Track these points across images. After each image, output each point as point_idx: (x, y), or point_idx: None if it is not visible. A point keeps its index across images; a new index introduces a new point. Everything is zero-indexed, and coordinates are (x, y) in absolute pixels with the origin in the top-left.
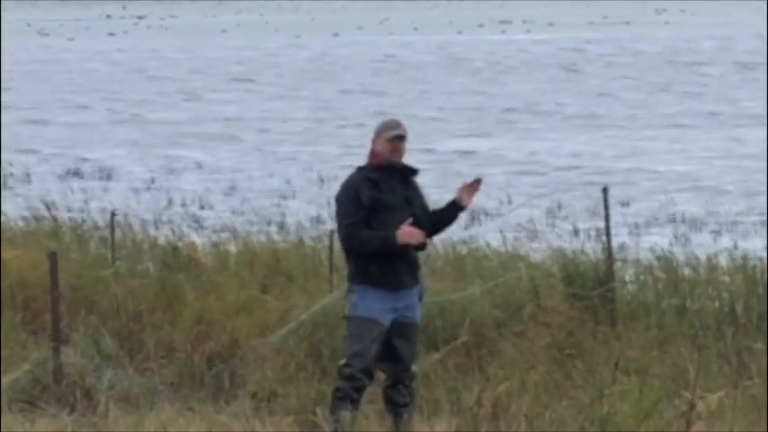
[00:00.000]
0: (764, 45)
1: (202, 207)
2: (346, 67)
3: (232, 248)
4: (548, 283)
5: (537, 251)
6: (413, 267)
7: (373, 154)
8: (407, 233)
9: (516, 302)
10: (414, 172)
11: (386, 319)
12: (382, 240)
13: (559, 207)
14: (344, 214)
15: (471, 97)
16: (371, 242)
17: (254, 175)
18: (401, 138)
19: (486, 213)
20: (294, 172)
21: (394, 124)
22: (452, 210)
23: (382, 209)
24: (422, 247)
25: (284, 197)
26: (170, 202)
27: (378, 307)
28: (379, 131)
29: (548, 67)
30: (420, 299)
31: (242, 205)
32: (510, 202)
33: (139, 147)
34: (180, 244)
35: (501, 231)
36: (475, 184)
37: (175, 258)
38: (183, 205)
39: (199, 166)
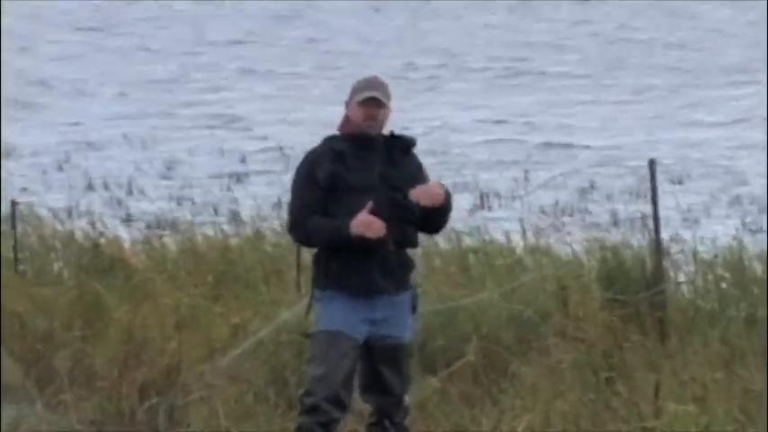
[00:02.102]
0: None
1: (131, 192)
2: None
3: (171, 245)
4: (579, 285)
5: (565, 244)
6: (391, 267)
7: (345, 120)
8: (362, 223)
9: (539, 310)
10: (405, 145)
11: (357, 332)
12: (332, 231)
13: (592, 187)
14: (294, 195)
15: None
16: (319, 232)
17: (196, 153)
18: (376, 101)
19: (499, 195)
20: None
21: (370, 84)
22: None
23: (346, 189)
24: (407, 242)
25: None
26: (89, 185)
27: (343, 318)
28: (353, 92)
29: None
30: (413, 310)
31: (182, 190)
32: (527, 179)
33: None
34: (102, 240)
35: (520, 219)
36: (431, 191)
37: (97, 259)
38: (107, 189)
39: (126, 139)
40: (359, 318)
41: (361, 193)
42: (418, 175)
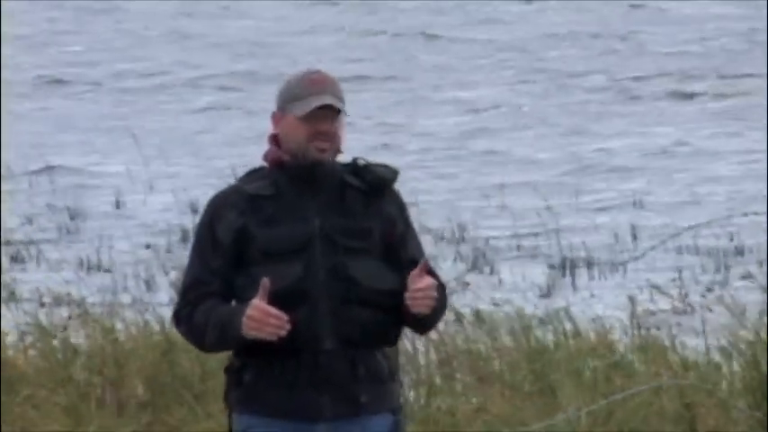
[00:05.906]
0: None
1: (16, 260)
2: None
3: (78, 340)
4: (715, 401)
5: (687, 333)
6: (335, 378)
7: (272, 143)
8: (255, 321)
9: None
10: (377, 184)
11: None
12: (219, 329)
13: (724, 257)
14: (187, 267)
15: None
16: (205, 331)
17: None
18: (330, 110)
19: (590, 264)
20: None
21: (314, 84)
22: (409, 317)
23: (258, 257)
24: (367, 339)
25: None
26: None
27: None
28: (286, 100)
29: None
30: None
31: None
32: (635, 238)
33: None
34: None
35: (629, 297)
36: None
37: None
38: None
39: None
40: None
41: (284, 261)
42: (392, 230)
